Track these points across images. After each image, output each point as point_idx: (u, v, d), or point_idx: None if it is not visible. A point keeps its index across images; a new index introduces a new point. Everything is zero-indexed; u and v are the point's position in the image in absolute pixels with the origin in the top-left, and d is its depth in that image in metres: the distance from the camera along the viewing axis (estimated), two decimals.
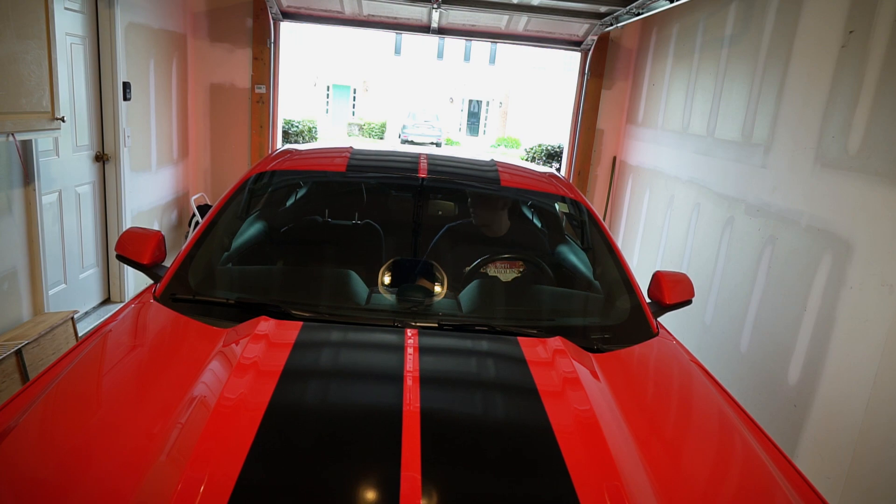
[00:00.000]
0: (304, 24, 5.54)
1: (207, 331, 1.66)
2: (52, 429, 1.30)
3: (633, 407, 1.49)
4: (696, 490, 1.27)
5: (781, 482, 1.34)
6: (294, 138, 7.41)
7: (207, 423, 1.21)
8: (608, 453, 1.23)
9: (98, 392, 1.45)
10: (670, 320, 4.31)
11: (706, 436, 1.53)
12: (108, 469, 1.15)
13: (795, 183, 3.05)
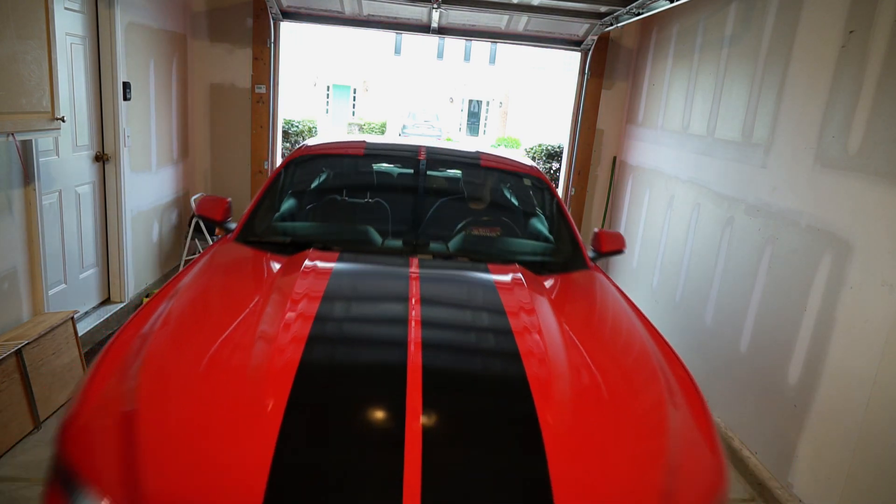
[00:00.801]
0: (304, 24, 5.54)
1: (273, 258, 2.52)
2: (191, 302, 2.09)
3: (560, 303, 2.34)
4: (596, 354, 1.95)
5: (658, 363, 1.97)
6: (294, 138, 7.41)
7: (286, 312, 1.89)
8: (539, 328, 1.97)
9: (213, 289, 2.26)
10: (670, 319, 4.32)
11: (605, 321, 2.40)
12: (221, 338, 1.81)
13: (795, 183, 3.05)
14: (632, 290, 5.18)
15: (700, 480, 1.54)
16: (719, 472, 1.57)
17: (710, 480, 1.55)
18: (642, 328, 2.19)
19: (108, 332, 4.19)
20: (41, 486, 2.61)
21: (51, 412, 3.14)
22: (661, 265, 4.61)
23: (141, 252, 4.76)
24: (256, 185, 5.75)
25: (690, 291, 4.08)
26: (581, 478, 1.42)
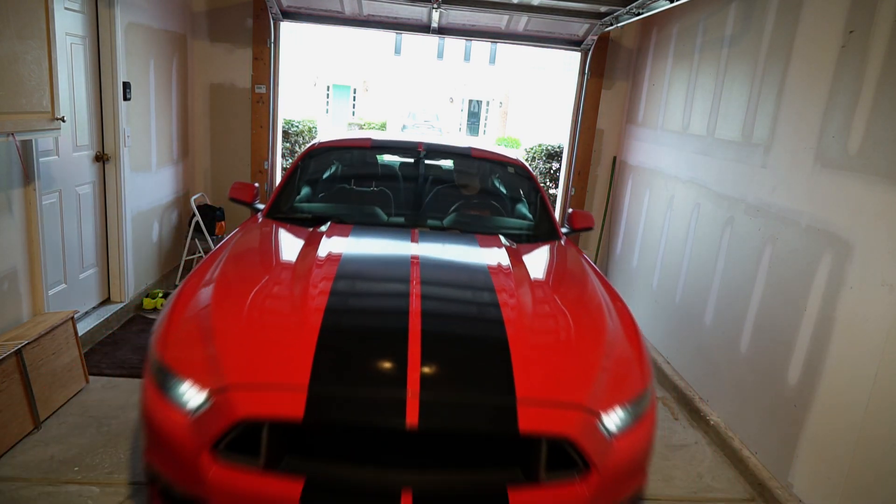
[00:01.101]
0: (304, 24, 5.54)
1: (298, 230, 3.17)
2: (241, 256, 2.80)
3: (530, 261, 2.98)
4: (553, 293, 2.68)
5: (604, 301, 2.63)
6: (294, 138, 7.42)
7: (313, 268, 2.53)
8: (512, 275, 2.65)
9: (256, 248, 2.99)
10: (670, 319, 4.31)
11: (564, 273, 3.06)
12: (268, 277, 2.54)
13: (795, 183, 3.05)
14: (631, 290, 5.18)
15: (625, 381, 2.19)
16: (642, 377, 2.23)
17: (633, 381, 2.20)
18: (594, 278, 2.90)
19: (108, 332, 4.19)
20: (41, 486, 2.62)
21: (51, 412, 3.14)
22: (661, 265, 4.61)
23: (141, 252, 4.76)
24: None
25: (690, 291, 4.08)
26: (535, 375, 2.06)
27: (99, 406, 3.29)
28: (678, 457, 3.33)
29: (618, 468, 2.01)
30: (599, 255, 6.04)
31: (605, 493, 1.98)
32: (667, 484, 3.07)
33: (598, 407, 2.04)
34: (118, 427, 3.11)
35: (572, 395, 2.05)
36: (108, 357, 3.84)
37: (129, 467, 2.80)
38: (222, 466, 1.87)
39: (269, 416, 1.87)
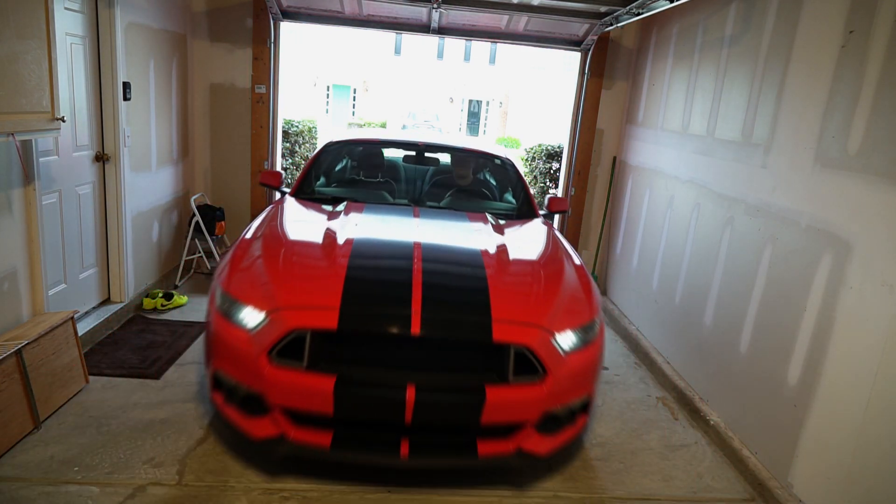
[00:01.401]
0: (304, 24, 5.53)
1: (318, 207, 3.91)
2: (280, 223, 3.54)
3: (509, 232, 3.70)
4: (524, 253, 3.44)
5: (564, 257, 3.41)
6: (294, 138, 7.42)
7: (339, 230, 3.28)
8: (492, 240, 3.37)
9: (291, 218, 3.71)
10: (670, 319, 4.31)
11: (536, 240, 3.79)
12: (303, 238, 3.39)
13: (795, 183, 3.05)
14: (631, 290, 5.18)
15: (575, 313, 2.93)
16: (590, 312, 2.98)
17: (581, 314, 2.95)
18: (560, 245, 3.65)
19: (108, 332, 4.19)
20: (41, 486, 2.62)
21: (51, 412, 3.14)
22: (661, 265, 4.61)
23: (141, 252, 4.76)
24: (256, 184, 5.75)
25: (690, 291, 4.08)
26: (506, 305, 2.80)
27: (99, 406, 3.29)
28: (678, 457, 3.33)
29: (568, 376, 2.75)
30: (599, 255, 6.04)
31: (557, 395, 2.73)
32: (667, 484, 3.07)
33: (553, 328, 2.78)
34: (118, 427, 3.11)
35: (533, 318, 2.80)
36: (108, 357, 3.84)
37: (129, 467, 2.80)
38: (276, 368, 2.59)
39: (312, 327, 2.60)
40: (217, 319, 2.79)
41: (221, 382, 2.80)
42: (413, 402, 2.55)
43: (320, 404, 2.57)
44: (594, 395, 2.99)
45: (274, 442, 2.67)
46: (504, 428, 2.73)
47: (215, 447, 3.02)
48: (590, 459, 3.23)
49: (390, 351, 2.71)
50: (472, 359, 2.73)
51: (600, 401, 3.90)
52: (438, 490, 2.86)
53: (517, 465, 2.77)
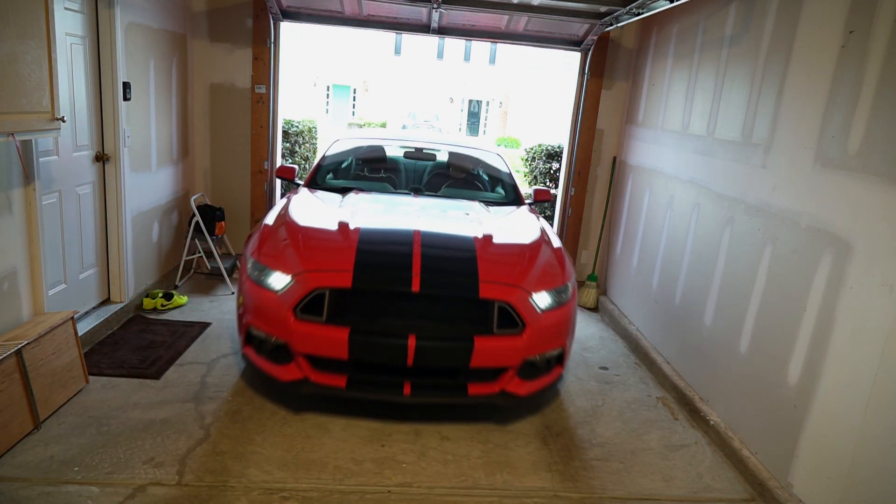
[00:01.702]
0: (304, 24, 5.53)
1: (331, 196, 4.37)
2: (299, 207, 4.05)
3: (496, 216, 4.20)
4: (508, 233, 3.91)
5: (543, 236, 3.90)
6: (294, 138, 7.42)
7: (350, 210, 3.88)
8: (481, 222, 3.92)
9: (307, 203, 4.19)
10: (670, 319, 4.31)
11: (520, 223, 4.19)
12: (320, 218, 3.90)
13: (795, 183, 3.05)
14: (631, 290, 5.18)
15: (549, 278, 3.48)
16: (563, 278, 3.54)
17: (555, 279, 3.50)
18: (541, 227, 4.13)
19: (108, 332, 4.19)
20: (41, 487, 2.62)
21: (51, 412, 3.15)
22: (661, 265, 4.61)
23: (141, 252, 4.76)
24: (257, 184, 5.75)
25: (690, 291, 4.08)
26: (491, 270, 3.35)
27: (99, 406, 3.29)
28: (678, 457, 3.33)
29: (543, 330, 3.32)
30: (599, 255, 6.04)
31: (535, 345, 3.30)
32: (667, 484, 3.07)
33: (530, 288, 3.35)
34: (118, 427, 3.11)
35: (513, 280, 3.35)
36: (108, 357, 3.84)
37: (129, 467, 2.80)
38: (300, 322, 3.17)
39: (330, 286, 3.17)
40: (250, 284, 3.37)
41: (253, 337, 3.39)
42: (414, 348, 3.12)
43: (337, 351, 3.15)
44: (568, 349, 3.59)
45: (298, 384, 3.26)
46: (490, 372, 3.33)
47: (215, 447, 3.02)
48: (590, 459, 3.23)
49: (395, 306, 3.29)
50: (462, 313, 3.31)
51: (600, 401, 3.90)
52: (437, 489, 2.86)
53: (501, 403, 3.36)
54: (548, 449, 3.29)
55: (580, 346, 4.83)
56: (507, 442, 3.32)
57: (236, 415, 3.34)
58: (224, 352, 4.12)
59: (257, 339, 3.36)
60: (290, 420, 3.33)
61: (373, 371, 3.29)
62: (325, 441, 3.17)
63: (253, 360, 3.40)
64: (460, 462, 3.09)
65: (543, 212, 7.45)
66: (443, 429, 3.39)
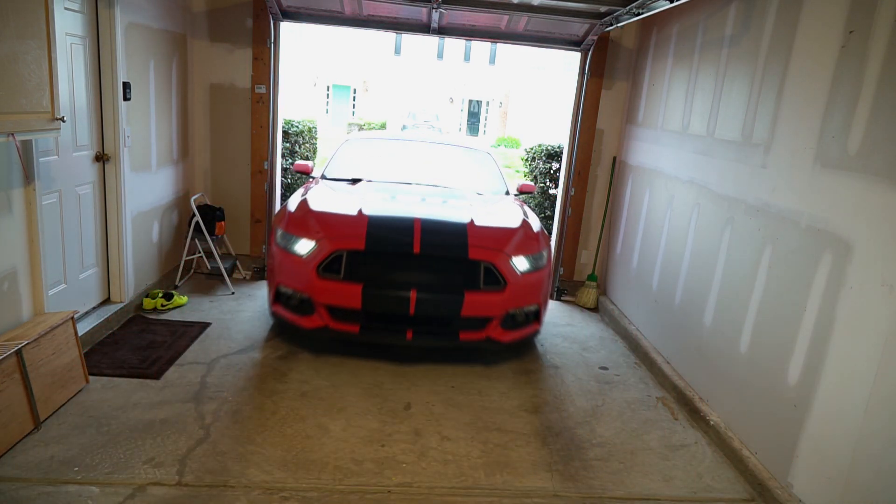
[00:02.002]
0: (304, 24, 5.53)
1: (343, 185, 5.01)
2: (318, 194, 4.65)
3: (485, 202, 4.84)
4: (494, 217, 4.53)
5: (523, 218, 4.54)
6: (294, 138, 7.43)
7: (361, 194, 4.62)
8: (472, 207, 4.53)
9: (324, 190, 4.79)
10: (670, 319, 4.31)
11: (504, 208, 4.80)
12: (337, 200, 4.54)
13: (795, 183, 3.05)
14: (631, 290, 5.18)
15: (527, 246, 4.13)
16: (538, 247, 4.20)
17: (531, 247, 4.16)
18: (523, 212, 4.72)
19: (108, 332, 4.19)
20: (41, 487, 2.62)
21: (51, 412, 3.15)
22: (661, 265, 4.61)
23: (141, 252, 4.76)
24: (257, 184, 5.75)
25: (690, 291, 4.08)
26: (478, 238, 4.03)
27: (99, 406, 3.29)
28: (678, 457, 3.34)
29: (521, 288, 4.04)
30: (599, 255, 6.04)
31: (514, 300, 4.02)
32: (667, 484, 3.07)
33: (511, 253, 4.06)
34: (118, 427, 3.11)
35: (496, 246, 4.06)
36: (108, 357, 3.84)
37: (129, 467, 2.81)
38: (321, 279, 3.88)
39: (347, 249, 3.90)
40: (278, 251, 4.08)
41: (281, 294, 4.10)
42: (415, 300, 3.83)
43: (352, 302, 3.87)
44: (543, 308, 4.33)
45: (320, 330, 3.99)
46: (478, 321, 4.02)
47: (215, 447, 3.02)
48: (590, 459, 3.23)
49: (399, 266, 3.97)
50: (454, 273, 4.00)
51: (600, 401, 3.90)
52: (437, 489, 2.86)
53: (486, 347, 4.15)
54: (548, 449, 3.29)
55: (580, 346, 4.83)
56: (507, 442, 3.32)
57: (236, 415, 3.34)
58: (224, 352, 4.12)
59: (285, 296, 4.07)
60: (290, 420, 3.33)
61: (381, 320, 3.97)
62: (325, 441, 3.17)
63: (281, 314, 4.12)
64: (460, 462, 3.09)
65: (543, 212, 7.49)
66: (443, 429, 3.39)
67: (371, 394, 3.72)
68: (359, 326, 3.94)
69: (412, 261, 3.94)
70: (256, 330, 4.55)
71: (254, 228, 5.87)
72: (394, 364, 4.15)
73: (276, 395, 3.59)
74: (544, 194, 7.67)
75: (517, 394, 3.90)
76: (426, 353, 4.32)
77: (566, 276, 6.14)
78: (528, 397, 3.86)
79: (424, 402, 3.68)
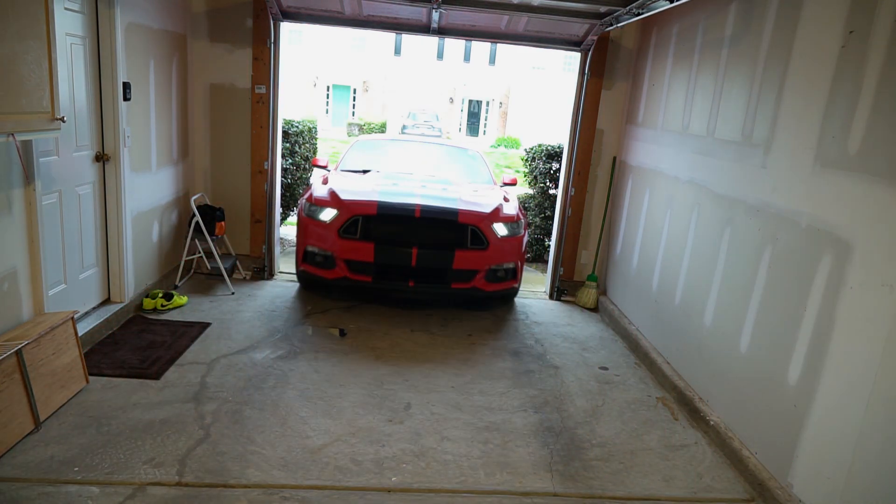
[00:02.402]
0: (304, 24, 5.53)
1: (355, 174, 5.99)
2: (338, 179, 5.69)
3: (473, 188, 5.79)
4: (479, 196, 5.47)
5: (503, 197, 5.63)
6: (294, 138, 7.45)
7: (373, 179, 5.71)
8: (462, 191, 5.52)
9: (343, 178, 5.76)
10: (670, 319, 4.31)
11: (490, 191, 5.85)
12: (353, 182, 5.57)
13: (795, 183, 3.05)
14: (631, 289, 5.18)
15: (506, 216, 5.18)
16: (515, 216, 5.22)
17: (509, 217, 5.20)
18: (506, 197, 5.59)
19: (108, 332, 4.19)
20: (41, 487, 2.62)
21: (51, 412, 3.15)
22: (661, 265, 4.61)
23: (141, 252, 4.76)
24: (257, 185, 5.75)
25: (690, 291, 4.08)
26: (466, 209, 5.01)
27: (99, 406, 3.29)
28: (678, 457, 3.34)
29: (500, 248, 4.98)
30: (599, 256, 6.04)
31: (495, 258, 4.96)
32: (667, 484, 3.07)
33: (491, 220, 4.99)
34: (118, 427, 3.11)
35: (481, 214, 4.98)
36: (108, 357, 3.84)
37: (129, 467, 2.81)
38: (342, 239, 4.83)
39: (362, 214, 4.83)
40: (307, 219, 5.05)
41: (309, 253, 5.06)
42: (416, 254, 4.82)
43: (366, 257, 4.85)
44: (520, 268, 5.27)
45: (340, 280, 4.97)
46: (466, 274, 4.98)
47: (215, 447, 3.02)
48: (590, 459, 3.23)
49: (403, 228, 4.91)
50: (447, 234, 4.94)
51: (600, 401, 3.90)
52: (437, 489, 2.86)
53: (473, 295, 5.14)
54: (548, 449, 3.29)
55: (580, 346, 4.83)
56: (507, 442, 3.32)
57: (236, 415, 3.34)
58: (224, 352, 4.12)
59: (312, 254, 5.05)
60: (290, 420, 3.34)
61: (389, 271, 4.94)
62: (325, 441, 3.17)
63: (308, 271, 5.12)
64: (460, 462, 3.09)
65: (543, 212, 7.55)
66: (443, 429, 3.39)
67: (371, 394, 3.72)
68: (371, 277, 4.91)
69: (414, 224, 4.87)
70: (256, 330, 4.55)
71: (254, 228, 5.87)
72: (394, 364, 4.15)
73: (275, 395, 3.59)
74: (544, 194, 7.66)
75: (517, 394, 3.90)
76: (426, 354, 4.32)
77: (566, 276, 6.14)
78: (528, 397, 3.86)
79: (424, 402, 3.68)
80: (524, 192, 8.16)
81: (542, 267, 7.50)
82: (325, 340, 4.48)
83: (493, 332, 4.96)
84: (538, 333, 5.04)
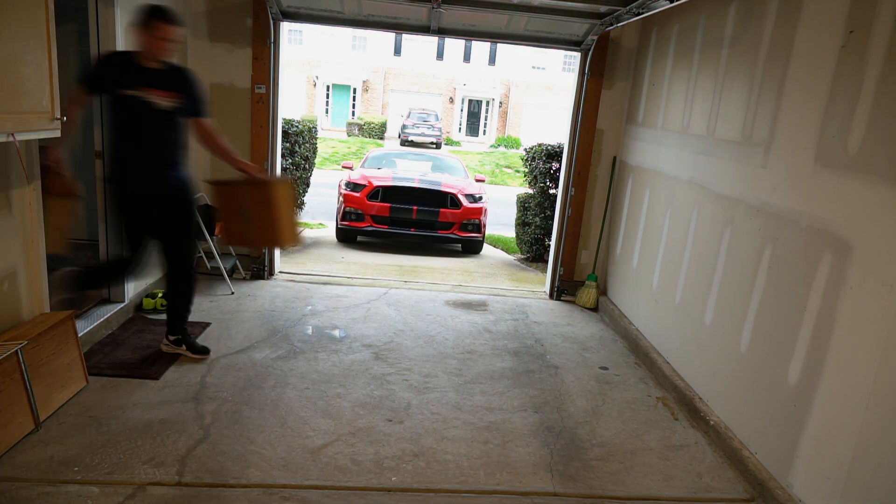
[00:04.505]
0: (304, 24, 5.53)
1: (374, 169, 9.56)
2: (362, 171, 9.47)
3: (456, 181, 9.20)
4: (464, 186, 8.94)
5: (473, 186, 9.26)
6: (294, 138, 7.59)
7: (385, 174, 9.12)
8: (449, 182, 8.90)
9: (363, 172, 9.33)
10: (670, 319, 4.31)
11: (468, 185, 9.08)
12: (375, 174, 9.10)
13: (795, 183, 3.05)
14: (631, 289, 5.18)
15: (472, 191, 8.75)
16: (478, 191, 8.82)
17: (475, 192, 8.76)
18: (476, 185, 9.11)
19: (107, 332, 4.19)
20: (41, 487, 2.61)
21: (51, 412, 3.15)
22: (661, 265, 4.61)
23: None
24: None
25: (690, 291, 4.08)
26: (447, 186, 8.58)
27: (99, 406, 3.29)
28: (678, 457, 3.34)
29: (469, 210, 8.34)
30: (599, 255, 6.04)
31: (465, 216, 8.32)
32: (667, 484, 3.07)
33: (462, 192, 8.43)
34: (118, 427, 3.11)
35: (455, 188, 8.49)
36: (107, 357, 3.84)
37: (129, 467, 2.81)
38: (369, 202, 8.24)
39: (382, 186, 8.32)
40: (347, 192, 8.26)
41: (347, 212, 8.16)
42: (416, 212, 8.13)
43: (384, 213, 8.08)
44: (482, 224, 8.40)
45: (367, 227, 8.17)
46: (447, 225, 8.19)
47: (215, 447, 3.02)
48: (590, 459, 3.23)
49: (408, 195, 8.18)
50: (435, 199, 8.19)
51: (600, 401, 3.90)
52: (437, 489, 2.86)
53: (452, 240, 8.43)
54: (548, 449, 3.29)
55: (580, 346, 4.84)
56: (507, 442, 3.32)
57: (236, 415, 3.34)
58: (224, 352, 4.12)
59: (349, 213, 8.14)
60: (289, 420, 3.34)
61: (398, 222, 8.08)
62: (326, 441, 3.17)
63: (346, 224, 8.20)
64: (460, 462, 3.09)
65: (543, 211, 7.57)
66: (443, 429, 3.39)
67: (371, 393, 3.72)
68: (387, 225, 8.11)
69: (414, 193, 8.20)
70: (256, 330, 4.55)
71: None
72: (394, 364, 4.15)
73: (275, 394, 3.59)
74: (544, 194, 7.67)
75: (517, 393, 3.90)
76: (425, 353, 4.32)
77: (566, 276, 6.14)
78: (528, 397, 3.86)
79: (424, 401, 3.68)
80: (524, 192, 8.43)
81: (542, 267, 7.51)
82: (325, 340, 4.48)
83: (493, 332, 4.96)
84: (538, 333, 5.04)
